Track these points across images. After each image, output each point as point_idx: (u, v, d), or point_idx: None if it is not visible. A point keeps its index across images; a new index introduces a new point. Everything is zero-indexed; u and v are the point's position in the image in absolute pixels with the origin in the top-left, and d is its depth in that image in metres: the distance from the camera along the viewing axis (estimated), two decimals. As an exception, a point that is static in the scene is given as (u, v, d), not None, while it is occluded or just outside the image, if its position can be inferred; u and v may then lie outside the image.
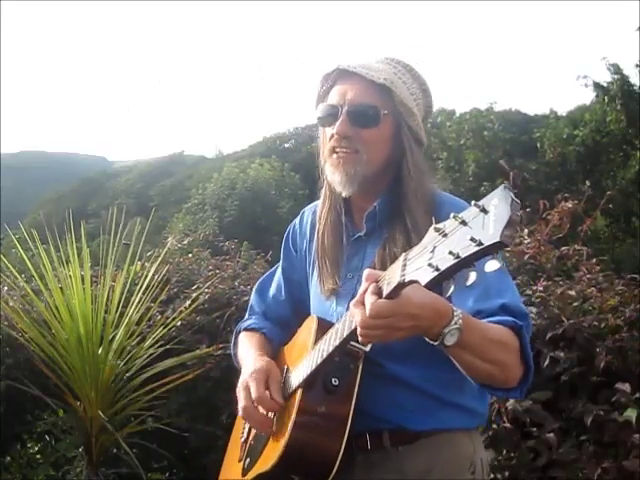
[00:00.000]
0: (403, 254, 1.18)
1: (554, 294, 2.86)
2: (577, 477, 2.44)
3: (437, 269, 1.05)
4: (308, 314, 1.71)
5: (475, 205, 1.02)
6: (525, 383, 1.44)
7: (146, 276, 3.48)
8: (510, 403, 2.52)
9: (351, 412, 1.47)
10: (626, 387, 2.47)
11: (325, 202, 1.71)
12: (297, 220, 1.87)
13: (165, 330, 3.38)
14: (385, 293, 1.21)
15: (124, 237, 3.55)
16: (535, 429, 2.53)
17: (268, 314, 1.89)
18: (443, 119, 27.98)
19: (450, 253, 1.02)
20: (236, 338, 1.89)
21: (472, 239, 0.99)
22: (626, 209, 20.33)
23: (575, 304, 2.85)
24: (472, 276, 1.04)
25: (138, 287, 3.44)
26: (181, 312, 3.48)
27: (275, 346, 1.80)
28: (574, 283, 3.02)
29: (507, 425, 2.53)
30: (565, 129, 23.27)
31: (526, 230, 3.42)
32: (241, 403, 1.62)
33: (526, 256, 3.23)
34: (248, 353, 1.76)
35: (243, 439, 1.78)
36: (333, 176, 1.60)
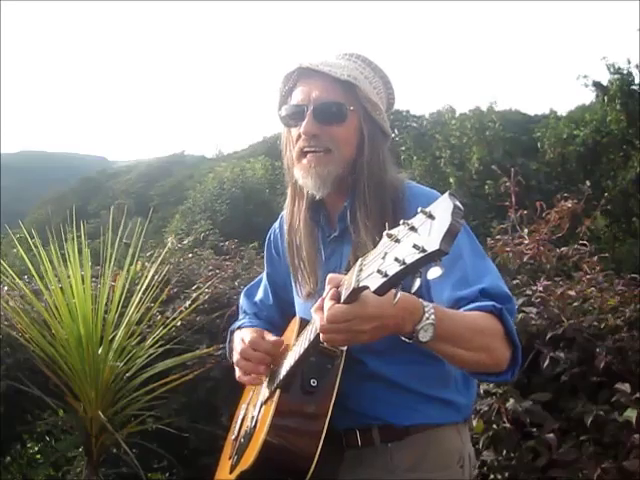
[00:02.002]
0: (360, 259, 1.19)
1: (554, 294, 2.86)
2: (577, 477, 2.44)
3: (385, 275, 1.06)
4: (295, 315, 1.73)
5: (422, 212, 1.03)
6: (515, 364, 1.43)
7: (146, 276, 3.48)
8: (510, 403, 2.52)
9: (329, 412, 1.48)
10: (626, 387, 2.46)
11: (295, 204, 1.69)
12: (277, 224, 1.86)
13: (165, 330, 3.38)
14: (343, 298, 1.22)
15: (124, 237, 3.55)
16: (535, 429, 2.53)
17: (259, 315, 1.92)
18: (448, 117, 27.93)
19: (396, 260, 1.04)
20: (231, 337, 1.91)
21: (415, 246, 1.01)
22: (626, 209, 20.33)
23: (575, 304, 2.85)
24: (417, 282, 1.05)
25: (138, 287, 3.44)
26: (181, 312, 3.48)
27: None
28: (574, 283, 3.02)
29: (507, 425, 2.53)
30: (565, 129, 23.26)
31: (526, 230, 3.42)
32: (237, 349, 1.66)
33: (526, 256, 3.23)
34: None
35: (234, 436, 1.81)
36: (306, 180, 1.59)
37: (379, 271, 1.07)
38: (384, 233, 1.11)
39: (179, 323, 3.51)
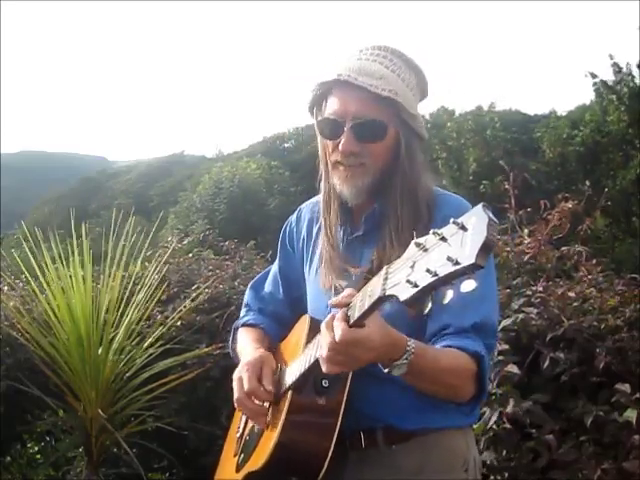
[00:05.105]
0: (385, 267, 1.17)
1: (554, 294, 2.86)
2: (577, 478, 2.44)
3: (415, 286, 1.04)
4: (305, 311, 1.71)
5: (454, 222, 1.01)
6: (476, 403, 1.48)
7: (146, 276, 3.48)
8: (510, 405, 2.52)
9: (341, 413, 1.48)
10: (626, 387, 2.46)
11: (329, 200, 1.68)
12: (293, 217, 1.84)
13: (165, 330, 3.38)
14: (352, 321, 1.24)
15: (124, 237, 3.55)
16: (535, 430, 2.53)
17: (264, 310, 1.88)
18: (444, 119, 27.85)
19: (428, 271, 1.02)
20: (234, 334, 1.88)
21: (449, 258, 0.99)
22: (626, 209, 20.30)
23: (575, 304, 2.85)
24: (449, 294, 1.03)
25: (138, 287, 3.44)
26: (181, 312, 3.48)
27: (272, 341, 1.79)
28: (574, 283, 3.02)
29: (507, 426, 2.53)
30: (565, 129, 23.25)
31: (526, 230, 3.42)
32: (235, 395, 1.63)
33: (526, 256, 3.23)
34: (245, 346, 1.76)
35: (239, 434, 1.79)
36: (342, 188, 1.58)
37: (408, 281, 1.05)
38: (412, 242, 1.09)
39: (179, 323, 3.51)
